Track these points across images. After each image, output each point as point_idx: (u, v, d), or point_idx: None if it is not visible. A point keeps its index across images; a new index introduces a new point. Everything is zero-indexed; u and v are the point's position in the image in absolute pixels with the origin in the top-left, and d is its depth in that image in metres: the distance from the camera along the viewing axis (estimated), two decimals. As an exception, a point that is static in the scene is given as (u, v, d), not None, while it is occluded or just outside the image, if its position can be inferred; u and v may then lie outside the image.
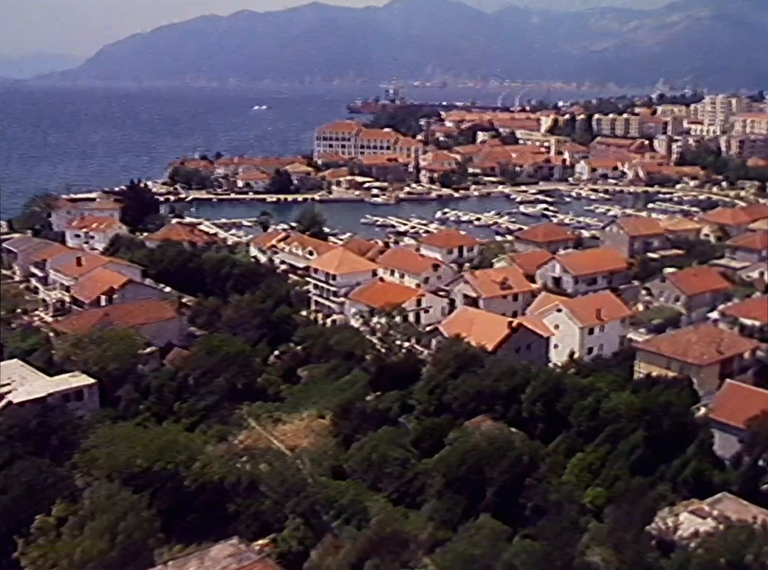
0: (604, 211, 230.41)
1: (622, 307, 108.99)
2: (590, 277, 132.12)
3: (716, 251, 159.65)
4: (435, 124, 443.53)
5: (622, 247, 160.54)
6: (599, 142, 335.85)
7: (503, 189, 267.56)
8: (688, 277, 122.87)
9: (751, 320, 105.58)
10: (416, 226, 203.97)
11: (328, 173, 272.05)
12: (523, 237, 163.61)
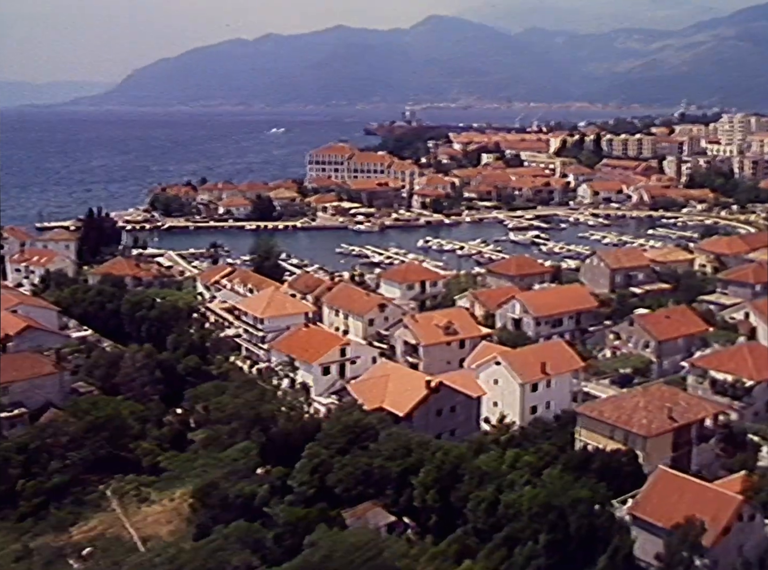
0: (600, 238, 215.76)
1: (574, 358, 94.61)
2: (555, 319, 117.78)
3: (707, 285, 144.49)
4: (443, 145, 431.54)
5: (602, 280, 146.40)
6: (605, 164, 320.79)
7: (498, 214, 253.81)
8: (659, 320, 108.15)
9: (723, 374, 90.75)
10: (392, 257, 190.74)
11: (314, 199, 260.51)
12: (495, 270, 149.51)
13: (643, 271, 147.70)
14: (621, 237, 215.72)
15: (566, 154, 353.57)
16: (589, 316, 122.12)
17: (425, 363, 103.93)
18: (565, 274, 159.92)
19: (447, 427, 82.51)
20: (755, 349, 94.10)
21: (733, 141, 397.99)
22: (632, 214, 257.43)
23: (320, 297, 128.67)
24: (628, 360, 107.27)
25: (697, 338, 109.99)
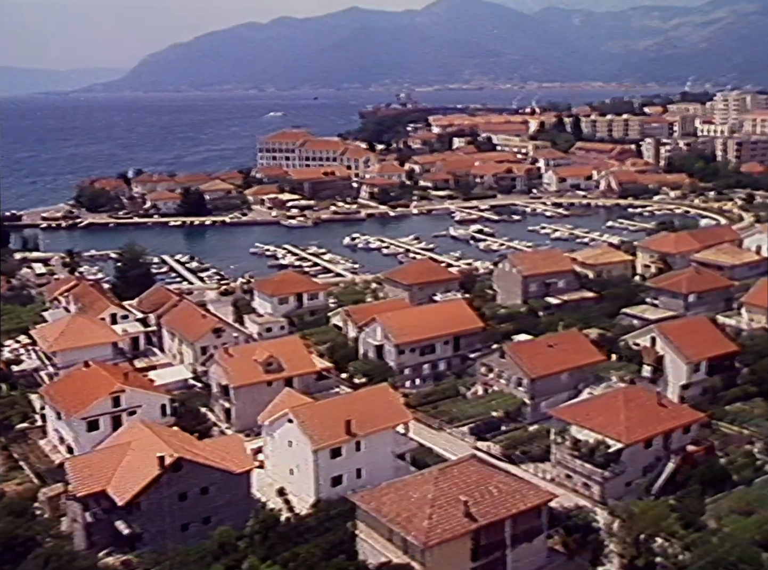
0: (550, 232, 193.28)
1: (400, 410, 73.24)
2: (424, 345, 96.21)
3: (642, 293, 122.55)
4: (422, 129, 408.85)
5: (515, 289, 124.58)
6: (579, 148, 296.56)
7: (450, 205, 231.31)
8: (538, 351, 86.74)
9: (586, 434, 69.28)
10: (308, 258, 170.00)
11: (252, 191, 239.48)
12: (392, 277, 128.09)
13: (564, 278, 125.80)
14: (574, 230, 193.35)
15: (544, 137, 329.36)
16: (473, 340, 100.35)
17: (238, 409, 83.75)
18: (484, 279, 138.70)
19: (197, 514, 62.30)
20: (634, 396, 72.26)
21: (727, 120, 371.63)
22: (598, 203, 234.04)
23: (162, 317, 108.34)
24: (500, 400, 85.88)
25: (590, 372, 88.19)
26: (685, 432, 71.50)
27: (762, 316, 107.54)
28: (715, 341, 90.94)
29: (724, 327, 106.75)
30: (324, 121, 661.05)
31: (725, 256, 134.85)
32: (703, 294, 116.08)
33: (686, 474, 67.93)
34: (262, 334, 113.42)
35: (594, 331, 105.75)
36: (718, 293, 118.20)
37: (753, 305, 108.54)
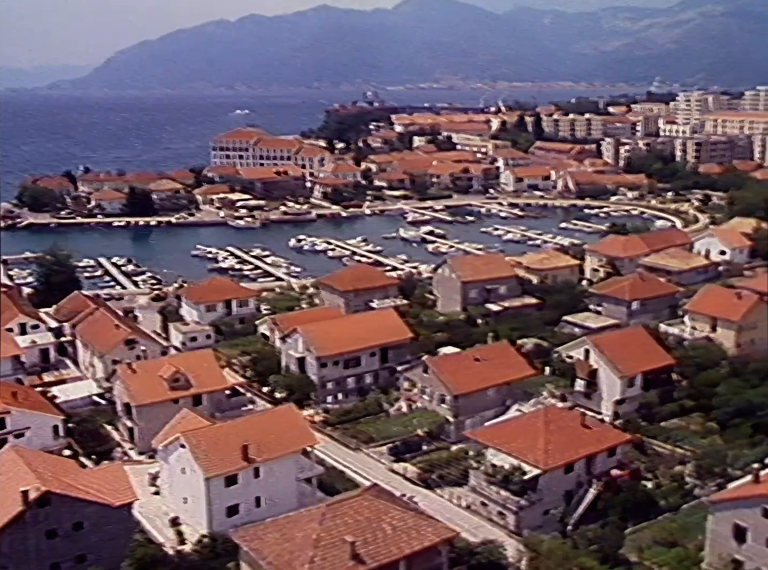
0: (503, 234, 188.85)
1: (305, 433, 67.67)
2: (348, 358, 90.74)
3: (583, 299, 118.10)
4: (384, 128, 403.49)
5: (454, 295, 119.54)
6: (538, 147, 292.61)
7: (403, 205, 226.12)
8: (463, 365, 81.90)
9: (502, 459, 64.25)
10: (250, 261, 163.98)
11: (201, 190, 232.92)
12: (327, 282, 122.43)
13: (505, 283, 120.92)
14: (527, 232, 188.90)
15: (505, 137, 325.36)
16: (402, 352, 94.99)
17: (141, 429, 77.80)
18: (426, 284, 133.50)
19: (70, 553, 56.33)
20: (556, 417, 67.31)
21: (690, 121, 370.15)
22: (555, 204, 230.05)
23: (77, 326, 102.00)
24: (423, 417, 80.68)
25: (519, 386, 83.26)
26: (610, 455, 66.69)
27: (706, 325, 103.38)
28: (652, 354, 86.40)
29: (666, 336, 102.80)
30: (290, 120, 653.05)
31: (673, 261, 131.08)
32: (647, 301, 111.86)
33: (608, 501, 63.09)
34: (186, 343, 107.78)
35: (531, 341, 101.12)
36: (663, 300, 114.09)
37: (696, 313, 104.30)
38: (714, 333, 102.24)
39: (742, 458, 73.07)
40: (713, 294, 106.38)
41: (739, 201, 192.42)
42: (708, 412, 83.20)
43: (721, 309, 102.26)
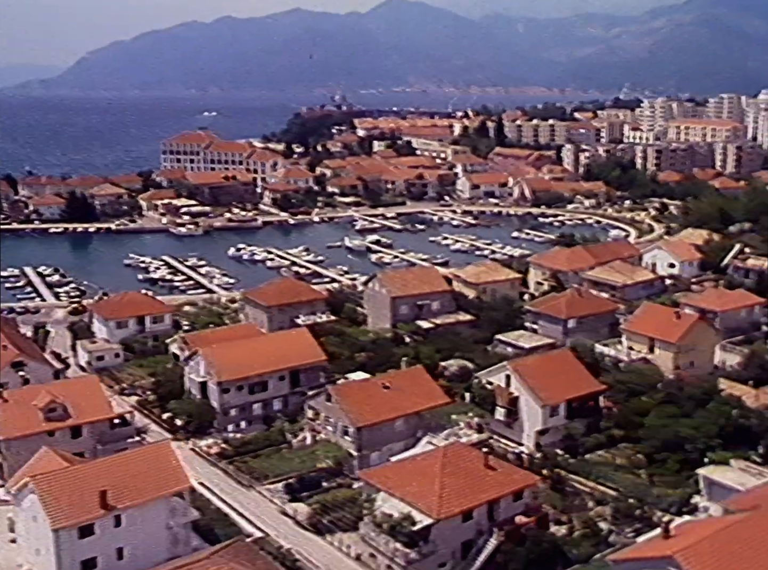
0: (451, 243, 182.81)
1: (178, 474, 60.39)
2: (253, 382, 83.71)
3: (521, 316, 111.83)
4: (347, 132, 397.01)
5: (383, 311, 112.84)
6: (497, 153, 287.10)
7: (355, 212, 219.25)
8: (368, 393, 74.96)
9: (393, 505, 57.54)
10: (183, 271, 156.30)
11: (146, 196, 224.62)
12: (251, 297, 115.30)
13: (438, 299, 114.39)
14: (476, 241, 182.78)
15: (466, 142, 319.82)
16: (316, 375, 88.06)
17: (11, 465, 70.26)
18: (358, 298, 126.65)
19: None
20: (456, 456, 60.65)
21: (654, 127, 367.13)
22: (510, 211, 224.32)
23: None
24: (326, 450, 73.75)
25: (433, 416, 76.66)
26: (516, 499, 60.16)
27: (643, 346, 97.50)
28: (578, 379, 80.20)
29: (602, 357, 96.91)
30: (257, 122, 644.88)
31: (617, 275, 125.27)
32: (585, 319, 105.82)
33: (510, 552, 56.55)
34: (92, 363, 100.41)
35: (458, 362, 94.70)
36: (602, 317, 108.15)
37: (634, 333, 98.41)
38: (652, 354, 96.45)
39: (666, 499, 67.13)
40: (651, 313, 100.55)
41: (694, 211, 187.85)
42: (637, 443, 77.30)
43: (658, 329, 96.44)
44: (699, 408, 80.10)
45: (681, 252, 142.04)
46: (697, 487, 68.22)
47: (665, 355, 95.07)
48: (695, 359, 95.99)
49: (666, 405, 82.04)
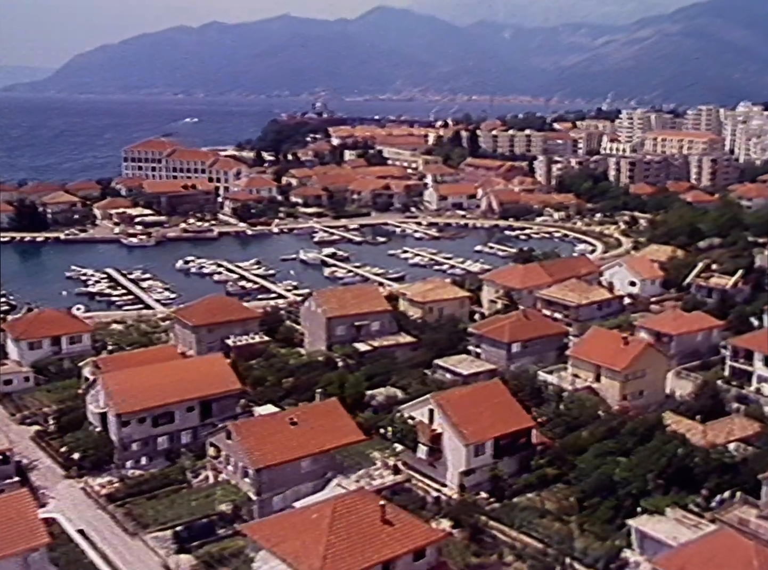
0: (410, 257, 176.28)
1: (33, 529, 53.30)
2: (159, 414, 76.68)
3: (466, 338, 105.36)
4: (321, 140, 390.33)
5: (319, 332, 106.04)
6: (468, 164, 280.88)
7: (316, 223, 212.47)
8: (272, 430, 67.78)
9: (272, 567, 50.75)
10: (125, 285, 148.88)
11: (102, 204, 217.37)
12: (179, 316, 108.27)
13: (378, 319, 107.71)
14: (436, 255, 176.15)
15: (439, 152, 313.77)
16: (230, 404, 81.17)
17: None
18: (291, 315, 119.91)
19: None
20: (348, 509, 53.84)
21: (632, 138, 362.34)
22: (476, 224, 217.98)
23: None
24: (225, 493, 66.78)
25: (345, 456, 69.82)
26: (417, 558, 53.35)
27: (590, 373, 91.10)
28: (508, 414, 73.55)
29: (546, 386, 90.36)
30: (238, 129, 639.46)
31: (571, 294, 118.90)
32: (531, 342, 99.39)
33: (404, 624, 49.81)
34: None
35: (387, 391, 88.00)
36: (550, 341, 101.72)
37: (579, 359, 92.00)
38: (598, 383, 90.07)
39: (593, 552, 60.57)
40: (598, 338, 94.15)
41: (662, 225, 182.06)
42: (571, 484, 70.81)
43: (605, 355, 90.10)
44: (640, 445, 73.75)
45: (642, 269, 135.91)
46: (628, 539, 61.85)
47: (611, 384, 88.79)
48: (645, 388, 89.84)
49: (606, 441, 75.69)
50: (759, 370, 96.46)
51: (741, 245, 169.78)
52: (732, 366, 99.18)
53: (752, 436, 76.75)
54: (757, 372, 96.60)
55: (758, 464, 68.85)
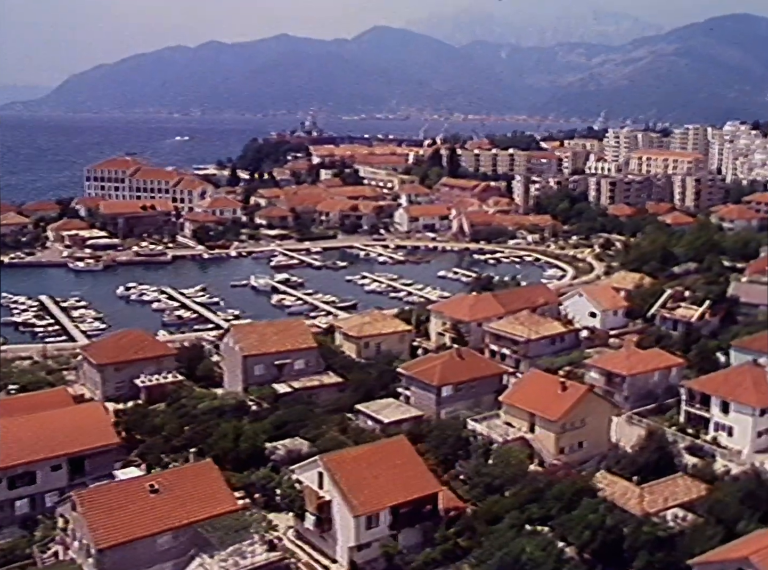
0: (368, 283, 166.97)
1: None
2: (14, 474, 66.83)
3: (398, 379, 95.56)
4: (302, 159, 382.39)
5: (237, 371, 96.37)
6: (443, 184, 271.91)
7: (278, 246, 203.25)
8: (126, 500, 57.79)
9: None
10: (54, 314, 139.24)
11: (55, 226, 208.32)
12: (86, 353, 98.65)
13: (303, 357, 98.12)
14: (396, 281, 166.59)
15: (417, 172, 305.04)
16: (108, 459, 71.31)
17: None
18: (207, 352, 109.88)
19: None
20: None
21: (619, 158, 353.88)
22: (446, 247, 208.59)
23: None
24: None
25: (217, 527, 59.88)
26: None
27: (524, 422, 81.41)
28: (412, 477, 63.67)
29: (475, 436, 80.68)
30: (226, 147, 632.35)
31: (521, 328, 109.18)
32: (464, 385, 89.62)
33: None
34: None
35: (293, 442, 78.14)
36: (487, 383, 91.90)
37: (513, 406, 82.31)
38: (532, 434, 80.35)
39: None
40: (535, 381, 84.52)
41: (635, 249, 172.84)
42: (480, 561, 60.88)
43: (539, 402, 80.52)
44: (566, 512, 64.11)
45: (603, 299, 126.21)
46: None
47: (546, 435, 79.06)
48: (585, 438, 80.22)
49: (529, 505, 66.06)
50: (716, 417, 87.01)
51: (716, 271, 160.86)
52: (687, 411, 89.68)
53: (696, 499, 66.96)
54: (714, 419, 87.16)
55: (695, 540, 59.14)
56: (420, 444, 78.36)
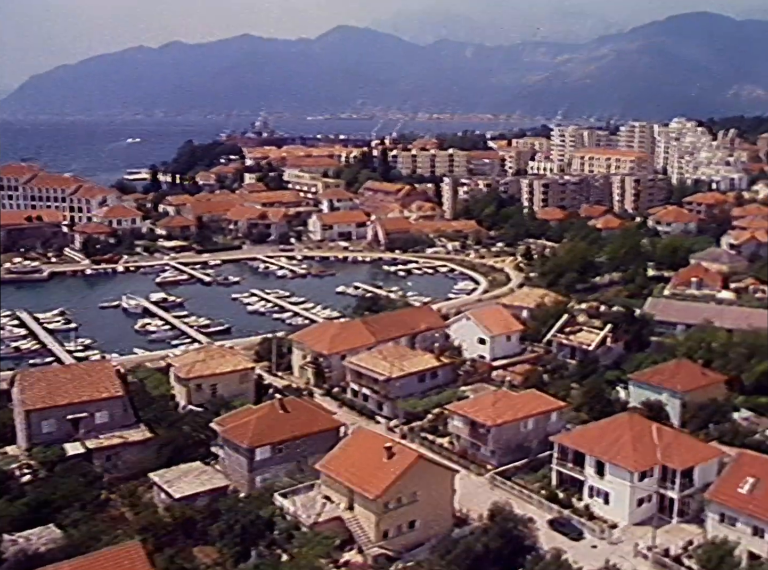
0: (255, 301, 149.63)
1: None
2: None
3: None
4: (235, 161, 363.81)
5: (20, 429, 78.56)
6: (367, 188, 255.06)
7: (172, 259, 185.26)
8: None
9: None
10: None
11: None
12: None
13: (106, 408, 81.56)
14: (283, 300, 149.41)
15: (346, 175, 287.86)
16: None
17: None
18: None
19: None
20: None
21: (564, 157, 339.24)
22: (359, 257, 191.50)
23: None
24: None
25: None
26: None
27: (344, 497, 64.66)
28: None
29: (283, 515, 63.88)
30: (173, 150, 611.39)
31: (383, 363, 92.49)
32: (285, 445, 72.58)
33: None
34: None
35: (39, 532, 60.89)
36: (317, 441, 74.64)
37: (331, 479, 65.55)
38: (350, 513, 63.64)
39: None
40: (361, 444, 67.80)
41: (553, 258, 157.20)
42: None
43: (359, 474, 63.81)
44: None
45: (494, 323, 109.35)
46: None
47: (366, 515, 62.38)
48: (419, 516, 63.67)
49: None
50: (591, 480, 70.92)
51: (639, 282, 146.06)
52: (559, 471, 73.47)
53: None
54: (589, 482, 71.07)
55: None
56: (215, 525, 62.36)
